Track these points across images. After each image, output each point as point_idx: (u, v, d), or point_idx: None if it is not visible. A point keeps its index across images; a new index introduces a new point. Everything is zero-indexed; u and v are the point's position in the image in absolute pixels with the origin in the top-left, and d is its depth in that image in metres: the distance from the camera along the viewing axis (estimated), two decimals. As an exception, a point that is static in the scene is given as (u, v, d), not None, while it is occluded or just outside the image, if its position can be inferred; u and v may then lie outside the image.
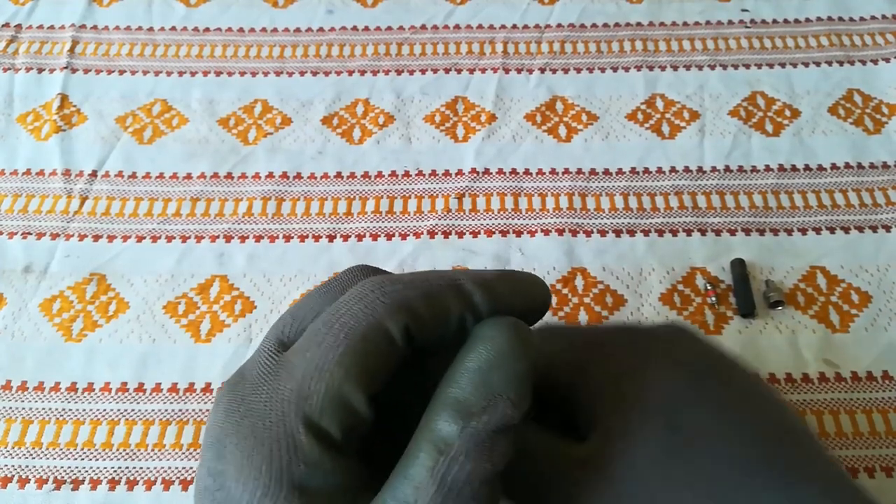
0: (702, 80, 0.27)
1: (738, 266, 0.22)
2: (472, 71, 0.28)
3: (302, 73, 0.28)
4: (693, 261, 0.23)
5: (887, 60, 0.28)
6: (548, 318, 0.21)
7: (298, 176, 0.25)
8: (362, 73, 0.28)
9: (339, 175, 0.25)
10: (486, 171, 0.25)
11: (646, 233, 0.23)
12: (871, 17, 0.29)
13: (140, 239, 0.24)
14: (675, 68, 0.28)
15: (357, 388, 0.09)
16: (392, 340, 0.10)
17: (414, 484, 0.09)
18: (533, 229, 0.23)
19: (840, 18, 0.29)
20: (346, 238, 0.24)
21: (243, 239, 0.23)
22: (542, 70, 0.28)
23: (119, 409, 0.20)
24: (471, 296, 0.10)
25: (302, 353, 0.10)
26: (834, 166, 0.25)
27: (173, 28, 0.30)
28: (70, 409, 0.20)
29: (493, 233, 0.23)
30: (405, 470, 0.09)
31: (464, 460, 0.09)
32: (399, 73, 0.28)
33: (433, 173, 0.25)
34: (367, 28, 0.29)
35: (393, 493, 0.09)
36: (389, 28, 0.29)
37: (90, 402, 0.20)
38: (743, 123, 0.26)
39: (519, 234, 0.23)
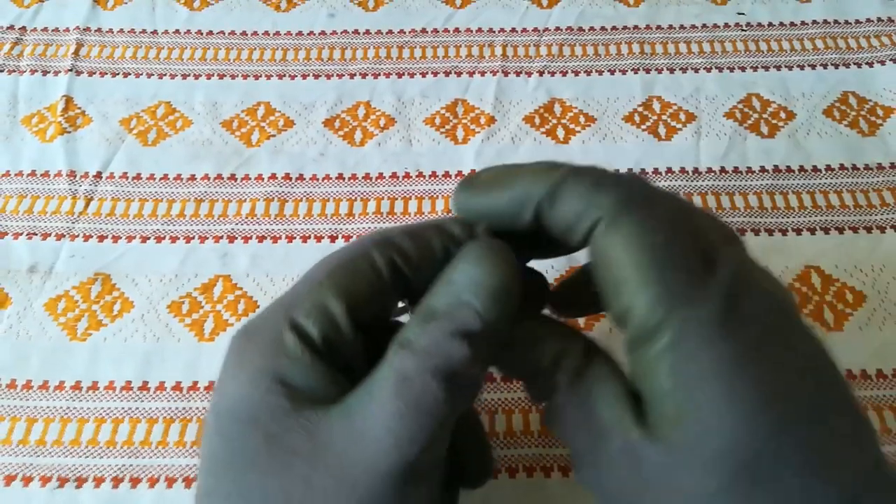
0: (698, 82, 0.28)
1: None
2: (471, 74, 0.28)
3: (304, 76, 0.28)
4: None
5: (882, 63, 0.28)
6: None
7: (301, 177, 0.25)
8: (363, 76, 0.28)
9: (340, 176, 0.25)
10: (486, 173, 0.25)
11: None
12: (867, 20, 0.30)
13: (144, 239, 0.24)
14: (672, 71, 0.28)
15: (338, 300, 0.10)
16: (376, 266, 0.11)
17: (376, 376, 0.10)
18: (532, 230, 0.24)
19: (836, 21, 0.30)
20: (347, 238, 0.24)
21: (246, 239, 0.24)
22: (541, 73, 0.28)
23: (123, 408, 0.20)
24: (451, 230, 0.12)
25: (303, 275, 0.11)
26: (829, 168, 0.25)
27: (177, 31, 0.30)
28: (74, 408, 0.20)
29: (493, 233, 0.24)
30: (375, 369, 0.10)
31: (418, 355, 0.10)
32: (400, 76, 0.28)
33: (433, 175, 0.25)
34: (367, 31, 0.30)
35: (364, 384, 0.10)
36: (390, 31, 0.30)
37: (94, 401, 0.20)
38: (738, 125, 0.27)
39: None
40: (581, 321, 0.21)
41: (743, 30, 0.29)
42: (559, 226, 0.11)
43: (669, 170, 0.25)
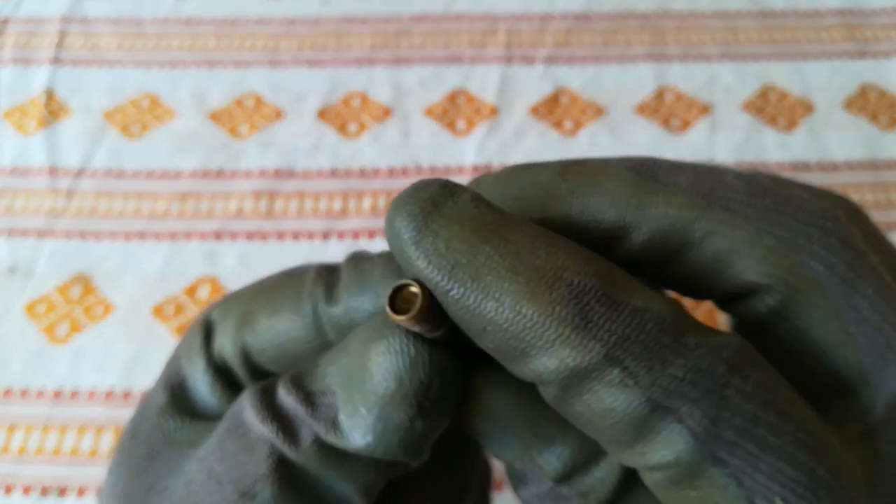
0: (712, 72, 0.27)
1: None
2: (473, 62, 0.27)
3: (296, 65, 0.27)
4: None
5: (904, 53, 0.27)
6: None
7: (292, 172, 0.24)
8: (359, 64, 0.27)
9: (334, 171, 0.24)
10: (489, 167, 0.24)
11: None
12: (885, 11, 0.28)
13: (128, 238, 0.23)
14: (685, 60, 0.27)
15: (234, 331, 0.09)
16: (298, 308, 0.08)
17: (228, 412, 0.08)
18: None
19: (854, 11, 0.28)
20: (341, 236, 0.23)
21: (234, 238, 0.23)
22: (547, 61, 0.27)
23: (106, 416, 0.19)
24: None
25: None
26: (848, 163, 0.24)
27: (163, 20, 0.29)
28: (56, 416, 0.19)
29: (495, 232, 0.22)
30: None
31: (253, 412, 0.07)
32: (397, 64, 0.27)
33: (433, 169, 0.24)
34: (363, 18, 0.28)
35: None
36: (387, 18, 0.28)
37: (76, 408, 0.20)
38: (755, 118, 0.25)
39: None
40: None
41: (758, 18, 0.28)
42: (580, 425, 0.07)
43: (681, 165, 0.24)
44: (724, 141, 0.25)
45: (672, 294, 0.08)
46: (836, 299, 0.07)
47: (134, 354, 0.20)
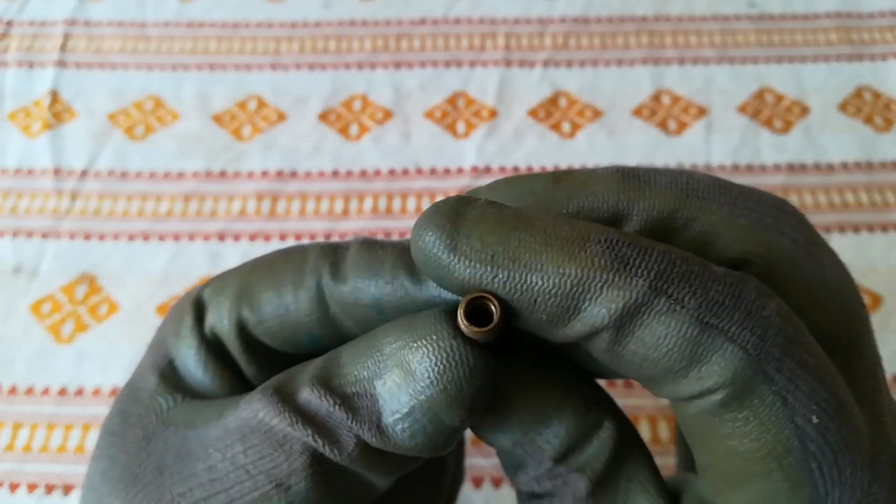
0: (708, 75, 0.27)
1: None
2: (473, 65, 0.27)
3: (298, 68, 0.27)
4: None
5: (898, 56, 0.27)
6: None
7: (294, 174, 0.24)
8: (360, 67, 0.27)
9: (335, 173, 0.25)
10: (488, 169, 0.24)
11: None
12: (881, 14, 0.29)
13: (132, 238, 0.23)
14: (682, 63, 0.27)
15: (231, 305, 0.09)
16: (299, 282, 0.08)
17: (243, 401, 0.08)
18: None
19: (850, 14, 0.29)
20: (342, 237, 0.23)
21: (237, 238, 0.23)
22: (546, 64, 0.27)
23: (110, 414, 0.20)
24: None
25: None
26: (844, 165, 0.24)
27: (167, 23, 0.29)
28: (60, 414, 0.20)
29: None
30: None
31: (284, 415, 0.07)
32: (398, 67, 0.27)
33: (433, 171, 0.24)
34: (364, 21, 0.29)
35: (228, 401, 0.08)
36: (388, 21, 0.29)
37: (80, 407, 0.20)
38: (751, 120, 0.26)
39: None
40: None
41: (755, 21, 0.28)
42: (631, 373, 0.07)
43: (680, 166, 0.24)
44: (721, 143, 0.25)
45: None
46: (803, 268, 0.08)
47: (138, 353, 0.20)
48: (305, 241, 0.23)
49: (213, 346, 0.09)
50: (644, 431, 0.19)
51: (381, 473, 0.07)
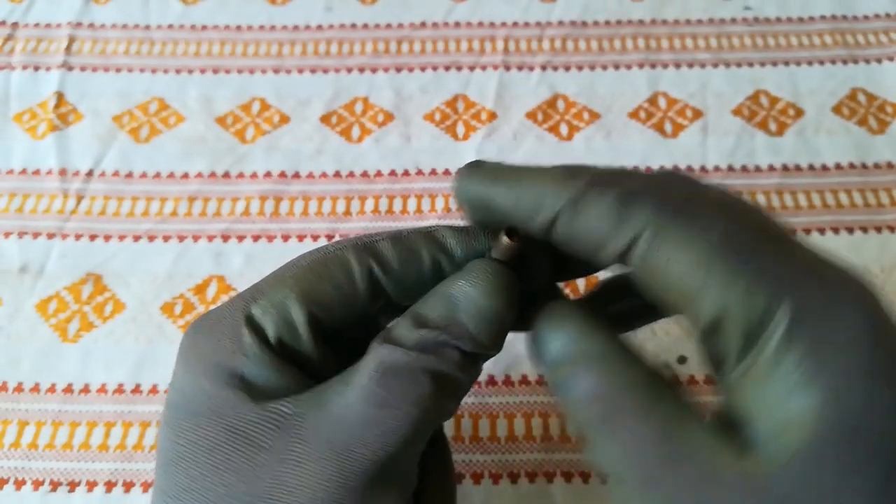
0: (704, 78, 0.27)
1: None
2: (472, 68, 0.28)
3: (300, 71, 0.28)
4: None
5: (892, 59, 0.28)
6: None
7: (296, 175, 0.25)
8: (361, 70, 0.28)
9: (337, 174, 0.25)
10: (487, 171, 0.25)
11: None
12: (876, 16, 0.29)
13: (137, 238, 0.23)
14: (678, 66, 0.28)
15: (300, 303, 0.10)
16: (350, 272, 0.10)
17: (356, 367, 0.10)
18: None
19: (844, 17, 0.29)
20: (344, 237, 0.23)
21: (241, 238, 0.23)
22: (544, 67, 0.28)
23: (115, 411, 0.20)
24: (443, 240, 0.11)
25: (272, 272, 0.11)
26: (838, 166, 0.25)
27: (170, 26, 0.29)
28: (66, 411, 0.20)
29: (494, 233, 0.23)
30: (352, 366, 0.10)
31: (408, 350, 0.09)
32: (398, 70, 0.28)
33: (433, 172, 0.25)
34: (366, 25, 0.29)
35: (340, 376, 0.10)
36: (389, 25, 0.29)
37: (86, 404, 0.20)
38: (746, 122, 0.26)
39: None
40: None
41: (750, 24, 0.29)
42: (583, 244, 0.10)
43: (676, 168, 0.25)
44: (716, 145, 0.25)
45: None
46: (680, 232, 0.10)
47: (143, 351, 0.21)
48: (308, 241, 0.23)
49: (281, 351, 0.10)
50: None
51: (467, 382, 0.10)
